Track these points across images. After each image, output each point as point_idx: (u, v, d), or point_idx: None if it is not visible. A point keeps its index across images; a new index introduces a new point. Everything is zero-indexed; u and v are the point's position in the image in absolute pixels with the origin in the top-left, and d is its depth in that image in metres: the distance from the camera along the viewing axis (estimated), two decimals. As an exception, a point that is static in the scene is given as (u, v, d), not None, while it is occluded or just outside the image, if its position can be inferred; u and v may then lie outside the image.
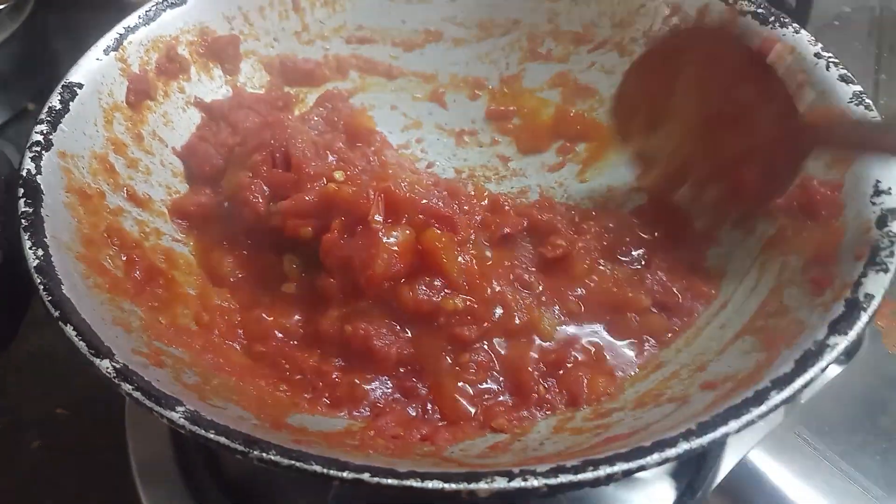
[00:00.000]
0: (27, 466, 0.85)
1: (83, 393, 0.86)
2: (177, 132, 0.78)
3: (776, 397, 0.47)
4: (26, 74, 1.13)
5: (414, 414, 0.61)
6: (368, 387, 0.62)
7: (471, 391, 0.61)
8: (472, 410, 0.61)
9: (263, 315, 0.67)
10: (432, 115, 0.90)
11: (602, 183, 0.83)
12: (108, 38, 0.74)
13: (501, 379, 0.64)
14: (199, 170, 0.75)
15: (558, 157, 0.86)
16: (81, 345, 0.50)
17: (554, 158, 0.86)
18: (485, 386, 0.62)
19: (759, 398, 0.47)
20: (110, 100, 0.72)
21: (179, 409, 0.47)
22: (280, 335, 0.66)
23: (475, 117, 0.90)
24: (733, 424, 0.46)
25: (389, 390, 0.62)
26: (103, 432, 0.78)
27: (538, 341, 0.64)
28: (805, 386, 0.48)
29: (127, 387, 0.48)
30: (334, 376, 0.62)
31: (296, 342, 0.66)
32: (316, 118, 0.80)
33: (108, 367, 0.49)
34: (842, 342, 0.50)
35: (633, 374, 0.64)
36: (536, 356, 0.64)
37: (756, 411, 0.46)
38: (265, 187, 0.70)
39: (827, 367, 0.49)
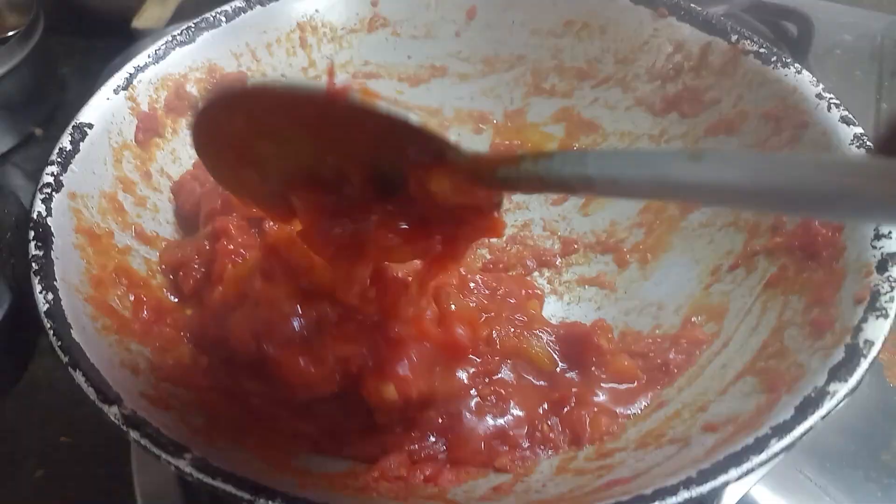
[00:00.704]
0: (30, 496, 0.85)
1: (86, 421, 0.86)
2: (184, 168, 0.80)
3: (776, 445, 0.47)
4: (34, 100, 1.15)
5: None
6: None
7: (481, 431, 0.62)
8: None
9: None
10: (437, 149, 0.91)
11: (605, 217, 0.84)
12: (119, 78, 0.75)
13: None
14: (181, 208, 0.76)
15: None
16: (90, 391, 0.51)
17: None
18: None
19: (759, 446, 0.47)
20: (120, 139, 0.73)
21: (187, 455, 0.48)
22: None
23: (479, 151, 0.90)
24: (733, 473, 0.46)
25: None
26: (107, 461, 0.79)
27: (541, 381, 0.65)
28: (805, 433, 0.48)
29: (135, 434, 0.49)
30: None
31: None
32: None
33: (116, 414, 0.50)
34: (842, 389, 0.50)
35: (635, 413, 0.64)
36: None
37: (756, 459, 0.47)
38: (202, 268, 0.70)
39: (827, 414, 0.49)
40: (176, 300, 0.69)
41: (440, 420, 0.62)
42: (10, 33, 1.07)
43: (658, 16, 0.85)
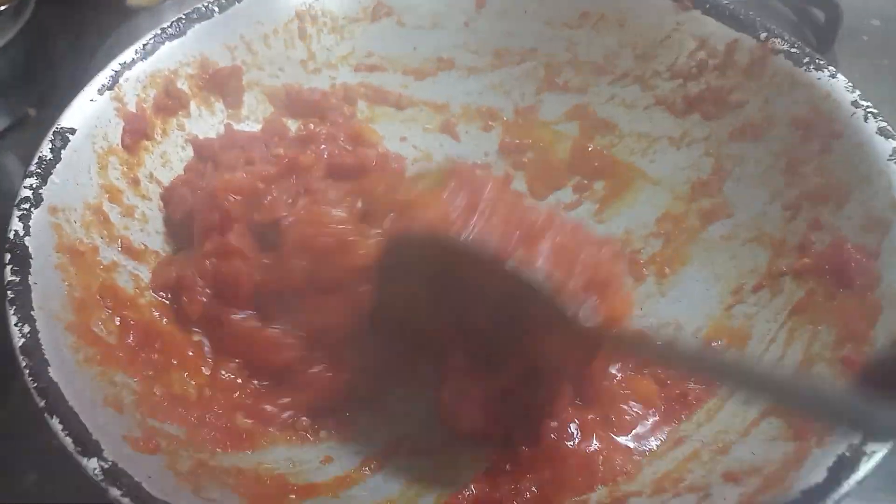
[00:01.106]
0: (22, 501, 0.83)
1: (56, 454, 0.84)
2: (175, 171, 0.75)
3: (807, 516, 0.44)
4: (27, 79, 1.10)
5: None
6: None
7: None
8: None
9: None
10: (443, 147, 0.86)
11: (620, 224, 0.79)
12: (103, 77, 0.70)
13: None
14: (172, 216, 0.72)
15: (574, 195, 0.82)
16: (68, 441, 0.48)
17: (570, 196, 0.82)
18: None
19: (789, 517, 0.44)
20: (105, 143, 0.69)
21: (170, 517, 0.45)
22: None
23: (488, 150, 0.86)
24: (760, 551, 0.42)
25: None
26: (80, 497, 0.76)
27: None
28: (839, 502, 0.44)
29: (115, 492, 0.46)
30: None
31: None
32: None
33: (95, 469, 0.47)
34: (880, 450, 0.46)
35: (651, 449, 0.61)
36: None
37: (785, 534, 0.43)
38: (207, 289, 0.66)
39: (863, 478, 0.45)
40: (166, 321, 0.66)
41: None
42: (1, 8, 1.02)
43: (681, 8, 0.79)
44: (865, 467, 0.46)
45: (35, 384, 0.50)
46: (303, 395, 0.64)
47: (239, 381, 0.64)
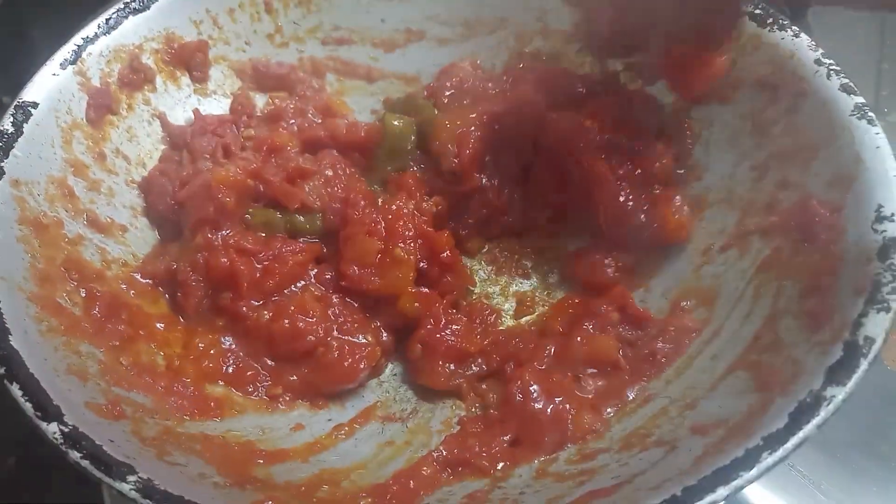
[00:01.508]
0: (3, 484, 0.83)
1: (35, 438, 0.83)
2: (142, 147, 0.75)
3: (768, 459, 0.44)
4: (2, 67, 1.08)
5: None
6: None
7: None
8: None
9: None
10: (414, 119, 0.86)
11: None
12: (65, 51, 0.70)
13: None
14: (153, 207, 0.71)
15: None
16: (28, 406, 0.47)
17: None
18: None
19: (750, 460, 0.44)
20: (69, 118, 0.68)
21: (131, 478, 0.44)
22: None
23: (459, 121, 0.85)
24: (721, 491, 0.43)
25: None
26: (59, 478, 0.76)
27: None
28: (799, 444, 0.45)
29: (75, 455, 0.45)
30: None
31: None
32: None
33: (55, 432, 0.46)
34: (839, 394, 0.46)
35: (620, 407, 0.61)
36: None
37: (746, 476, 0.43)
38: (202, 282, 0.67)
39: (823, 422, 0.45)
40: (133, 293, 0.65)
41: None
42: (-25, -3, 1.01)
43: (647, -25, 0.79)
44: (826, 411, 0.46)
45: (-5, 352, 0.50)
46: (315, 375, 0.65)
47: (212, 351, 0.64)
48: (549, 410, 0.60)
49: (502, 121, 0.72)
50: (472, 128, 0.72)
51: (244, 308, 0.65)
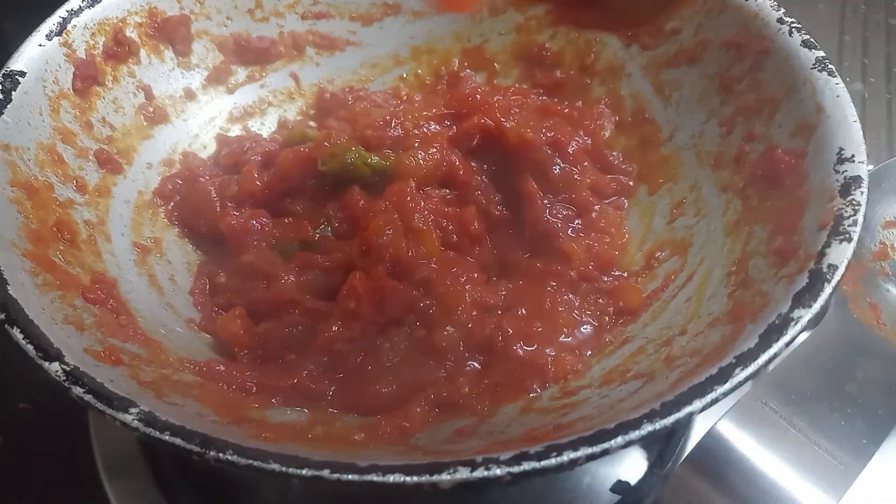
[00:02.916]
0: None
1: (46, 386, 0.84)
2: (128, 118, 0.76)
3: (740, 374, 0.46)
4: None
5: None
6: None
7: None
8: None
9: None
10: (393, 91, 0.88)
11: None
12: (51, 23, 0.71)
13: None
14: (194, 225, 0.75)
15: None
16: (29, 348, 0.49)
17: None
18: None
19: (724, 376, 0.46)
20: (56, 87, 0.70)
21: (133, 410, 0.46)
22: None
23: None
24: (697, 404, 0.45)
25: None
26: (68, 426, 0.77)
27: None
28: (769, 361, 0.47)
29: (78, 390, 0.47)
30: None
31: None
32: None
33: (57, 370, 0.48)
34: (805, 315, 0.49)
35: (598, 350, 0.63)
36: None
37: (720, 389, 0.46)
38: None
39: (791, 341, 0.48)
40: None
41: None
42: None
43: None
44: (793, 331, 0.49)
45: (-6, 299, 0.51)
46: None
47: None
48: (531, 355, 0.62)
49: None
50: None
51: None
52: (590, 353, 0.64)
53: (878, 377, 0.71)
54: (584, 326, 0.65)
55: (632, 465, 0.73)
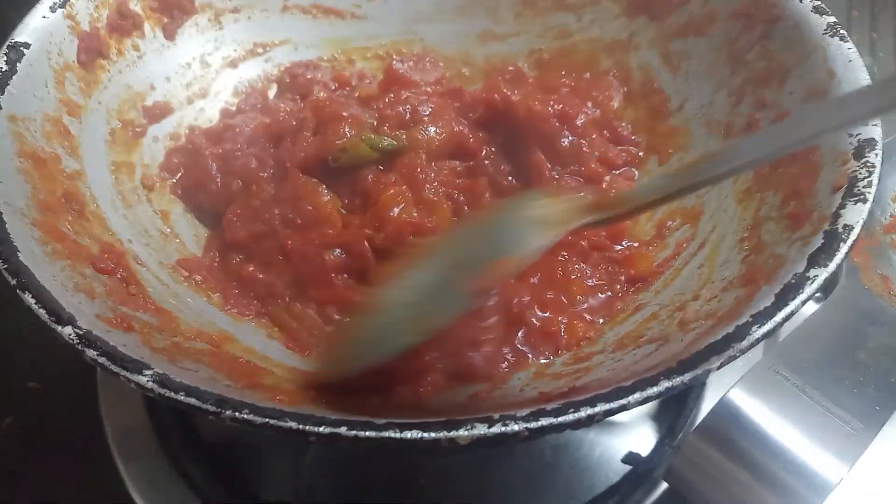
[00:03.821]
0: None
1: (54, 365, 0.84)
2: (133, 90, 0.76)
3: (757, 332, 0.46)
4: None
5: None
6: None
7: None
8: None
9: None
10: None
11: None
12: (54, -6, 0.71)
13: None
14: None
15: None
16: (42, 312, 0.48)
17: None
18: None
19: (741, 333, 0.46)
20: (60, 59, 0.69)
21: (147, 372, 0.46)
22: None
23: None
24: (714, 361, 0.45)
25: None
26: (78, 404, 0.77)
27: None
28: (786, 319, 0.47)
29: (91, 353, 0.47)
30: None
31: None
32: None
33: (70, 334, 0.47)
34: (822, 274, 0.49)
35: (611, 317, 0.63)
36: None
37: (738, 346, 0.45)
38: None
39: (808, 299, 0.48)
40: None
41: None
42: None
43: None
44: (809, 290, 0.48)
45: (5, 266, 0.51)
46: None
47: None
48: (543, 322, 0.62)
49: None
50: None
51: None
52: (602, 320, 0.63)
53: (889, 346, 0.70)
54: (597, 294, 0.64)
55: (643, 437, 0.73)
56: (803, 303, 0.48)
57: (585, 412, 0.42)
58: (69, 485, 0.76)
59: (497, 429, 0.42)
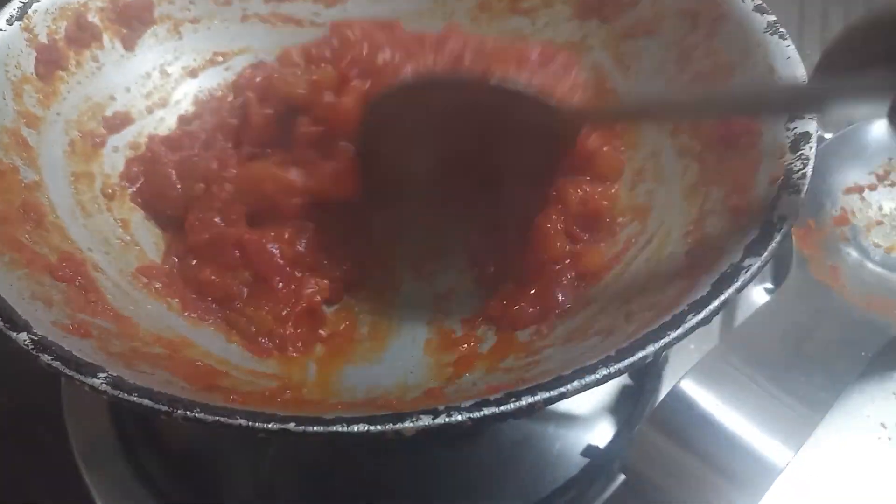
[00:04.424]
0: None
1: (20, 378, 0.84)
2: (92, 101, 0.76)
3: (692, 320, 0.48)
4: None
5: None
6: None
7: None
8: None
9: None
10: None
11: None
12: (11, 8, 0.71)
13: None
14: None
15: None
16: (-5, 319, 0.49)
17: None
18: None
19: (676, 322, 0.48)
20: (18, 72, 0.70)
21: (101, 375, 0.47)
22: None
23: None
24: (650, 349, 0.46)
25: None
26: (44, 417, 0.77)
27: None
28: (721, 307, 0.49)
29: (46, 357, 0.47)
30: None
31: None
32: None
33: (25, 340, 0.48)
34: (756, 262, 0.51)
35: (563, 310, 0.65)
36: None
37: (673, 334, 0.47)
38: None
39: (742, 287, 0.50)
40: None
41: None
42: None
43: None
44: (744, 278, 0.50)
45: (-43, 274, 0.52)
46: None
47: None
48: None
49: None
50: None
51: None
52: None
53: (836, 335, 0.73)
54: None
55: (602, 430, 0.74)
56: (738, 291, 0.50)
57: (526, 401, 0.44)
58: (36, 495, 0.76)
59: (441, 420, 0.43)
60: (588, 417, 0.74)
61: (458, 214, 0.72)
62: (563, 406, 0.73)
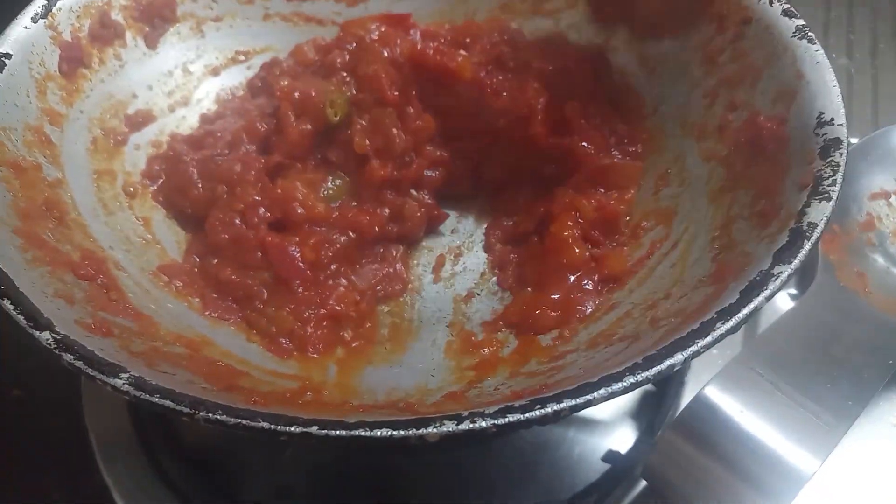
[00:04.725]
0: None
1: (38, 372, 0.84)
2: (116, 99, 0.77)
3: (721, 328, 0.47)
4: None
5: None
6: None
7: None
8: None
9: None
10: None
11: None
12: (36, 5, 0.71)
13: None
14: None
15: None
16: (20, 318, 0.49)
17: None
18: None
19: (705, 330, 0.47)
20: (42, 69, 0.70)
21: (123, 375, 0.46)
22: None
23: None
24: (679, 357, 0.46)
25: None
26: (61, 411, 0.77)
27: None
28: (750, 315, 0.48)
29: (68, 357, 0.47)
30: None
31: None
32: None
33: (48, 339, 0.48)
34: (786, 270, 0.50)
35: (586, 315, 0.64)
36: None
37: (701, 342, 0.46)
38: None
39: (772, 295, 0.49)
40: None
41: None
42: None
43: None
44: (773, 286, 0.49)
45: (-18, 271, 0.52)
46: None
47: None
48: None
49: None
50: None
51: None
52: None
53: (863, 342, 0.72)
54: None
55: (623, 436, 0.73)
56: (767, 299, 0.49)
57: (552, 408, 0.43)
58: (53, 491, 0.76)
59: (466, 426, 0.43)
60: (609, 422, 0.73)
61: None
62: (584, 411, 0.72)
